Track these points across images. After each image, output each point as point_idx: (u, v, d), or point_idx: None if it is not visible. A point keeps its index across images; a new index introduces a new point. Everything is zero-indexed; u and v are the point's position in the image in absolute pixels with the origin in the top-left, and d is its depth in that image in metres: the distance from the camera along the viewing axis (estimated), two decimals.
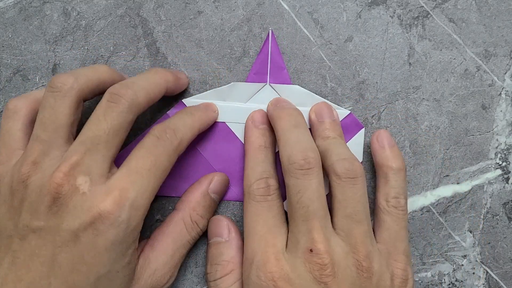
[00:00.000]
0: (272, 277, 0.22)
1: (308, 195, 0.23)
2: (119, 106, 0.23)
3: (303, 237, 0.23)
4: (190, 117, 0.26)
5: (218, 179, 0.28)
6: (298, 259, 0.23)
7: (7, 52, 0.31)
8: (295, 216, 0.23)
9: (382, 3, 0.31)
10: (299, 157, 0.24)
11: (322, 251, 0.22)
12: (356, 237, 0.23)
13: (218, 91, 0.30)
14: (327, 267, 0.22)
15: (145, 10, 0.31)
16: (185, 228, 0.26)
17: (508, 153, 0.30)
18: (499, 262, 0.30)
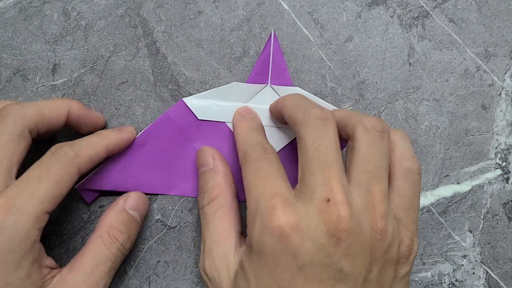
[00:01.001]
0: (278, 225, 0.20)
1: (327, 143, 0.22)
2: (3, 120, 0.23)
3: (319, 186, 0.21)
4: (95, 136, 0.26)
5: (134, 196, 0.27)
6: (311, 209, 0.21)
7: (7, 52, 0.31)
8: (311, 165, 0.22)
9: (382, 3, 0.31)
10: (317, 110, 0.23)
11: (340, 201, 0.20)
12: (375, 195, 0.22)
13: (219, 91, 0.30)
14: (343, 219, 0.20)
15: (145, 10, 0.31)
16: (103, 244, 0.25)
17: (508, 153, 0.30)
18: (499, 262, 0.30)
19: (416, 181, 0.24)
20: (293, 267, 0.20)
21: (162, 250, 0.29)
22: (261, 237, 0.21)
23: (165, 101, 0.30)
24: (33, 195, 0.22)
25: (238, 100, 0.30)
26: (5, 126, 0.23)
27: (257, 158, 0.23)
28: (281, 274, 0.20)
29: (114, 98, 0.31)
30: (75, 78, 0.31)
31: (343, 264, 0.20)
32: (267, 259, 0.21)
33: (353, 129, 0.23)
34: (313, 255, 0.20)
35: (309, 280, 0.20)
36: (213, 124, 0.30)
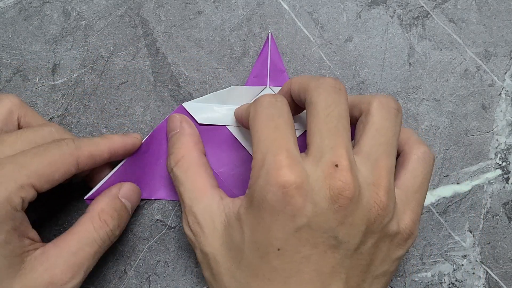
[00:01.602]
0: (283, 183, 0.20)
1: (339, 111, 0.22)
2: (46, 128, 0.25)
3: (328, 151, 0.21)
4: (99, 137, 0.26)
5: (128, 185, 0.27)
6: (317, 172, 0.20)
7: (7, 52, 0.31)
8: (322, 130, 0.21)
9: (382, 3, 0.31)
10: (331, 79, 0.23)
11: (347, 168, 0.20)
12: (382, 169, 0.22)
13: (218, 95, 0.30)
14: (348, 187, 0.20)
15: (145, 10, 0.31)
16: (92, 226, 0.25)
17: (508, 153, 0.30)
18: (499, 262, 0.30)
19: (430, 166, 0.24)
20: (290, 227, 0.20)
21: (162, 250, 0.29)
22: (263, 192, 0.20)
23: (165, 101, 0.30)
24: (23, 165, 0.22)
25: (238, 103, 0.29)
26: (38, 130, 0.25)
27: (268, 105, 0.23)
28: (277, 232, 0.20)
29: (114, 98, 0.31)
30: (75, 78, 0.31)
31: (339, 231, 0.20)
32: (266, 215, 0.20)
33: (369, 105, 0.23)
34: (311, 218, 0.20)
35: (303, 242, 0.20)
36: (214, 128, 0.30)
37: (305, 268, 0.20)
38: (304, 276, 0.20)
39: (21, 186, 0.22)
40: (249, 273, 0.21)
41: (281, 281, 0.21)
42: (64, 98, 0.30)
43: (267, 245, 0.20)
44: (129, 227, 0.29)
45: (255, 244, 0.21)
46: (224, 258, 0.22)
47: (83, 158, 0.24)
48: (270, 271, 0.21)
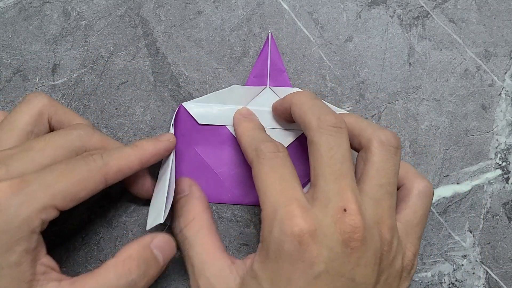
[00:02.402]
0: (299, 232, 0.20)
1: (342, 152, 0.22)
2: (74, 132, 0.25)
3: (335, 196, 0.21)
4: (129, 148, 0.25)
5: (162, 236, 0.25)
6: (327, 218, 0.21)
7: (7, 52, 0.31)
8: (326, 174, 0.22)
9: (382, 3, 0.31)
10: (332, 117, 0.23)
11: (356, 212, 0.21)
12: (385, 209, 0.23)
13: (218, 95, 0.30)
14: (358, 230, 0.21)
15: (145, 10, 0.31)
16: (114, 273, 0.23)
17: (508, 153, 0.30)
18: (499, 262, 0.30)
19: (430, 200, 0.25)
20: (310, 275, 0.20)
21: None
22: (279, 243, 0.21)
23: (165, 101, 0.30)
24: (49, 185, 0.21)
25: (238, 103, 0.29)
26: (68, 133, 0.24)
27: (271, 156, 0.23)
28: (298, 281, 0.20)
29: (114, 98, 0.31)
30: (75, 78, 0.31)
31: (355, 273, 0.21)
32: (285, 266, 0.21)
33: (369, 142, 0.24)
34: (328, 263, 0.20)
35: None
36: (214, 128, 0.30)
37: None
38: None
39: (44, 207, 0.21)
40: None
41: None
42: (64, 98, 0.30)
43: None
44: (129, 227, 0.29)
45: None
46: None
47: (112, 174, 0.23)
48: None
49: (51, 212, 0.21)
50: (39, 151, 0.23)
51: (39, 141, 0.23)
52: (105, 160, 0.23)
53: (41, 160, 0.23)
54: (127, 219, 0.30)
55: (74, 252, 0.29)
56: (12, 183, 0.21)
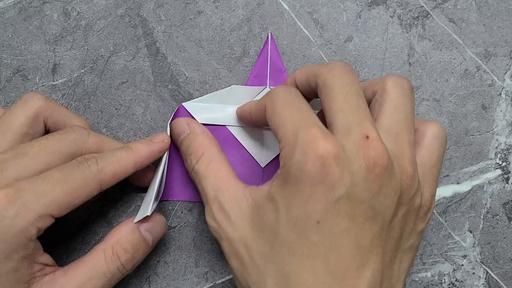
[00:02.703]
0: (322, 153, 0.19)
1: (356, 88, 0.22)
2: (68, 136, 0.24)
3: (355, 126, 0.21)
4: (124, 151, 0.25)
5: (152, 218, 0.26)
6: (350, 144, 0.20)
7: (7, 52, 0.31)
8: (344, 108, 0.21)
9: (382, 3, 0.31)
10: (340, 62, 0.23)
11: (377, 139, 0.20)
12: (404, 143, 0.22)
13: (218, 94, 0.30)
14: (382, 155, 0.20)
15: (145, 10, 0.31)
16: (104, 258, 0.24)
17: (508, 153, 0.30)
18: (499, 262, 0.30)
19: (445, 142, 0.25)
20: (329, 199, 0.19)
21: (162, 250, 0.29)
22: (301, 165, 0.20)
23: (165, 101, 0.30)
24: (44, 194, 0.21)
25: (238, 103, 0.29)
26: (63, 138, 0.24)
27: (284, 93, 0.23)
28: (316, 204, 0.20)
29: (114, 98, 0.31)
30: (75, 78, 0.31)
31: (375, 202, 0.20)
32: (304, 188, 0.20)
33: (383, 84, 0.24)
34: (349, 188, 0.20)
35: (342, 214, 0.20)
36: (214, 128, 0.29)
37: (344, 241, 0.20)
38: (344, 251, 0.20)
39: (39, 217, 0.21)
40: (285, 252, 0.20)
41: (320, 257, 0.20)
42: (64, 98, 0.30)
43: (305, 219, 0.20)
44: None
45: (292, 221, 0.20)
46: (256, 241, 0.21)
47: (107, 180, 0.24)
48: (309, 247, 0.20)
49: (46, 220, 0.22)
50: (34, 157, 0.23)
51: (33, 146, 0.23)
52: (100, 166, 0.24)
53: (35, 166, 0.23)
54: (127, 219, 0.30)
55: (74, 252, 0.29)
56: (8, 192, 0.21)
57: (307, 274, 0.20)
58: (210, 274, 0.29)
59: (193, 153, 0.26)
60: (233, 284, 0.29)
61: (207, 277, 0.29)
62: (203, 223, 0.30)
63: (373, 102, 0.24)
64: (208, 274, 0.29)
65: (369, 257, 0.20)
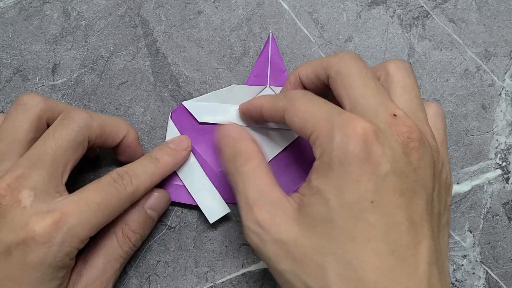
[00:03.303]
0: (362, 130, 0.19)
1: (371, 72, 0.23)
2: (69, 125, 0.24)
3: (380, 106, 0.21)
4: (153, 164, 0.26)
5: (156, 195, 0.27)
6: (381, 123, 0.21)
7: (7, 52, 0.31)
8: (364, 92, 0.22)
9: (382, 3, 0.31)
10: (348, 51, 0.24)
11: (405, 116, 0.21)
12: (422, 119, 0.23)
13: (218, 93, 0.30)
14: (414, 130, 0.20)
15: (145, 10, 0.31)
16: (117, 242, 0.26)
17: (508, 153, 0.30)
18: (499, 262, 0.30)
19: (445, 119, 0.25)
20: (378, 176, 0.19)
21: (162, 250, 0.29)
22: (344, 146, 0.20)
23: (165, 101, 0.30)
24: (88, 220, 0.22)
25: (238, 103, 0.29)
26: (69, 132, 0.24)
27: (303, 94, 0.23)
28: (367, 183, 0.19)
29: (114, 98, 0.31)
30: (75, 78, 0.31)
31: (418, 176, 0.20)
32: (352, 169, 0.19)
33: (386, 68, 0.24)
34: (393, 164, 0.19)
35: (392, 190, 0.19)
36: (214, 128, 0.29)
37: (400, 218, 0.19)
38: (401, 227, 0.19)
39: (82, 241, 0.22)
40: (345, 239, 0.20)
41: (380, 238, 0.19)
42: (64, 98, 0.30)
43: (359, 200, 0.19)
44: None
45: (345, 206, 0.19)
46: (309, 238, 0.21)
47: (138, 197, 0.25)
48: (368, 229, 0.19)
49: (86, 241, 0.23)
50: (51, 163, 0.23)
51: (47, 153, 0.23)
52: (134, 185, 0.25)
53: (56, 172, 0.23)
54: None
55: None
56: (54, 219, 0.21)
57: (371, 257, 0.19)
58: (210, 274, 0.29)
59: (240, 155, 0.25)
60: (233, 284, 0.29)
61: (207, 277, 0.29)
62: (203, 223, 0.30)
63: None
64: (208, 274, 0.29)
65: (423, 232, 0.20)
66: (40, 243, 0.21)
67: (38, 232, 0.21)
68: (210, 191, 0.29)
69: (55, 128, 0.24)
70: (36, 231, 0.21)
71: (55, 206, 0.22)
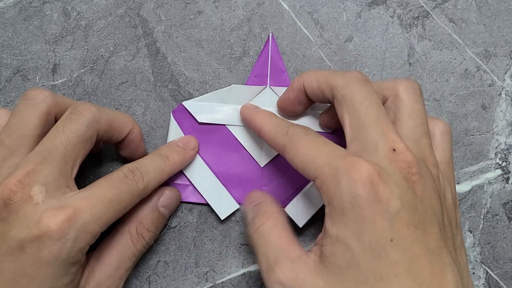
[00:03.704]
0: (367, 174, 0.20)
1: (376, 100, 0.23)
2: (79, 119, 0.24)
3: (381, 139, 0.22)
4: (163, 161, 0.26)
5: (168, 193, 0.28)
6: (382, 161, 0.21)
7: (7, 52, 0.31)
8: (366, 123, 0.22)
9: (382, 3, 0.31)
10: (356, 72, 0.24)
11: (404, 149, 0.21)
12: (425, 147, 0.23)
13: (218, 94, 0.30)
14: (413, 164, 0.21)
15: (145, 10, 0.31)
16: (131, 240, 0.26)
17: (508, 153, 0.30)
18: (499, 262, 0.30)
19: (451, 138, 0.26)
20: (390, 214, 0.20)
21: (162, 250, 0.29)
22: (353, 191, 0.20)
23: (165, 101, 0.30)
24: (100, 216, 0.22)
25: (238, 102, 0.29)
26: (79, 126, 0.24)
27: (304, 134, 0.23)
28: (383, 222, 0.20)
29: (114, 98, 0.31)
30: (75, 78, 0.31)
31: (425, 206, 0.21)
32: (365, 212, 0.20)
33: (395, 90, 0.24)
34: (402, 199, 0.20)
35: (406, 225, 0.20)
36: (214, 128, 0.29)
37: (419, 250, 0.20)
38: (422, 259, 0.20)
39: (94, 237, 0.22)
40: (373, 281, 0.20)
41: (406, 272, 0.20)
42: None
43: (378, 240, 0.20)
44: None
45: (367, 248, 0.20)
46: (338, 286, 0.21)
47: (147, 194, 0.25)
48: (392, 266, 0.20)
49: (97, 236, 0.23)
50: (62, 158, 0.23)
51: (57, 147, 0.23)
52: (145, 182, 0.25)
53: (67, 167, 0.23)
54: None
55: None
56: (67, 215, 0.21)
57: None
58: (210, 274, 0.29)
59: (260, 216, 0.25)
60: (233, 284, 0.29)
61: (207, 277, 0.29)
62: (203, 223, 0.30)
63: (386, 108, 0.25)
64: (208, 274, 0.29)
65: (443, 259, 0.20)
66: (54, 239, 0.21)
67: (52, 228, 0.21)
68: (219, 188, 0.29)
69: (64, 123, 0.24)
70: (50, 227, 0.21)
71: (67, 202, 0.22)
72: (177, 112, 0.30)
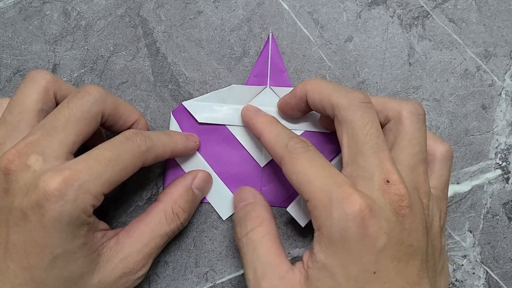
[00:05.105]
0: (359, 209, 0.21)
1: (376, 126, 0.23)
2: (84, 96, 0.24)
3: (376, 169, 0.22)
4: (166, 136, 0.26)
5: (202, 176, 0.28)
6: (375, 191, 0.22)
7: (7, 52, 0.31)
8: (364, 150, 0.22)
9: (382, 3, 0.31)
10: (359, 93, 0.24)
11: (398, 181, 0.22)
12: (420, 175, 0.23)
13: (218, 94, 0.30)
14: (404, 197, 0.21)
15: (145, 10, 0.31)
16: (165, 219, 0.26)
17: (508, 153, 0.30)
18: (499, 262, 0.30)
19: (451, 164, 0.26)
20: (376, 248, 0.21)
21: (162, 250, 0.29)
22: (343, 224, 0.21)
23: (165, 101, 0.30)
24: (98, 175, 0.22)
25: (238, 103, 0.29)
26: (84, 103, 0.24)
27: (304, 150, 0.23)
28: (368, 256, 0.21)
29: None
30: (75, 78, 0.31)
31: (411, 239, 0.21)
32: (352, 245, 0.21)
33: (399, 114, 0.24)
34: (389, 234, 0.21)
35: (390, 259, 0.21)
36: (214, 128, 0.29)
37: (400, 282, 0.21)
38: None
39: (96, 197, 0.22)
40: None
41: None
42: None
43: (363, 273, 0.21)
44: None
45: (352, 279, 0.21)
46: None
47: (148, 161, 0.25)
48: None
49: (100, 198, 0.22)
50: (63, 129, 0.23)
51: (59, 120, 0.23)
52: (148, 145, 0.24)
53: (67, 139, 0.23)
54: (127, 219, 0.30)
55: None
56: (65, 176, 0.21)
57: None
58: (210, 274, 0.29)
59: (250, 220, 0.25)
60: (233, 284, 0.29)
61: (207, 277, 0.29)
62: (203, 223, 0.30)
63: (387, 130, 0.25)
64: (208, 274, 0.29)
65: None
66: (53, 201, 0.21)
67: (49, 191, 0.21)
68: (221, 188, 0.29)
69: (70, 99, 0.24)
70: (47, 190, 0.21)
71: (64, 166, 0.22)
72: (177, 112, 0.30)
